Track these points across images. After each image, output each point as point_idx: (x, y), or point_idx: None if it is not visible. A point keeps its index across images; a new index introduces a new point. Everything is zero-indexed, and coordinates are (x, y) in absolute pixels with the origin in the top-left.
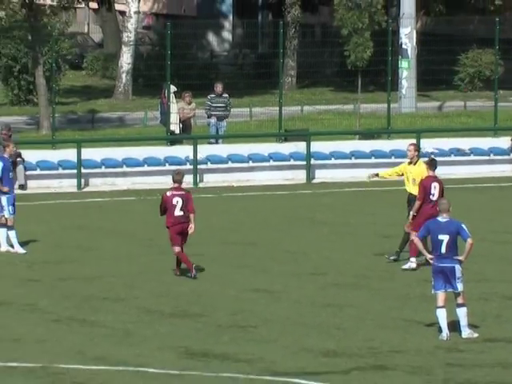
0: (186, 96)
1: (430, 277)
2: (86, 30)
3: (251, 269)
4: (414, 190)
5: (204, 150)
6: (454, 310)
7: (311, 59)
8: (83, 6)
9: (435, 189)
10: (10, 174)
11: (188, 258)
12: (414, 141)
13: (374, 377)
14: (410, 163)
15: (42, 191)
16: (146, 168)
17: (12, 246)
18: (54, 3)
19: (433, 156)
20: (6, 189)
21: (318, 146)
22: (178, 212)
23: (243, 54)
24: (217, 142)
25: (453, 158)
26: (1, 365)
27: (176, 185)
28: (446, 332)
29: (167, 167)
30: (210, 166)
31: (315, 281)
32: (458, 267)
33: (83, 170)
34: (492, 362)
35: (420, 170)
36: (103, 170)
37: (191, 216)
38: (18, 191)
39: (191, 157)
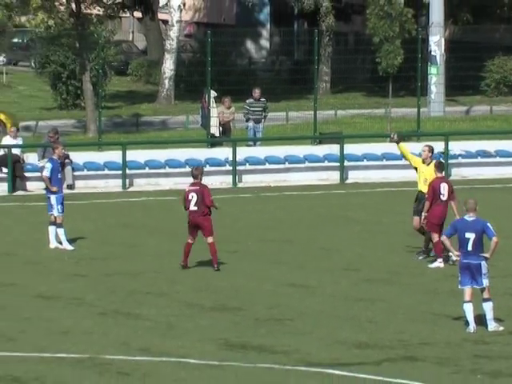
0: (225, 101)
1: (458, 273)
2: (130, 38)
3: (287, 265)
4: (424, 188)
5: (242, 152)
6: (480, 304)
7: (344, 66)
8: (128, 15)
9: (444, 189)
10: (59, 174)
11: (188, 254)
12: (441, 143)
13: (405, 368)
14: (423, 162)
15: (89, 191)
16: (187, 169)
17: (61, 242)
18: (101, 12)
19: (441, 159)
20: (54, 188)
21: (350, 149)
22: (192, 207)
23: (280, 60)
24: (255, 145)
25: (479, 159)
26: (50, 355)
27: (194, 180)
28: (472, 325)
29: (208, 168)
30: (248, 167)
31: (348, 276)
32: (483, 264)
33: (128, 171)
34: None
35: (432, 170)
36: (147, 170)
37: (213, 208)
38: (66, 191)
39: (230, 158)
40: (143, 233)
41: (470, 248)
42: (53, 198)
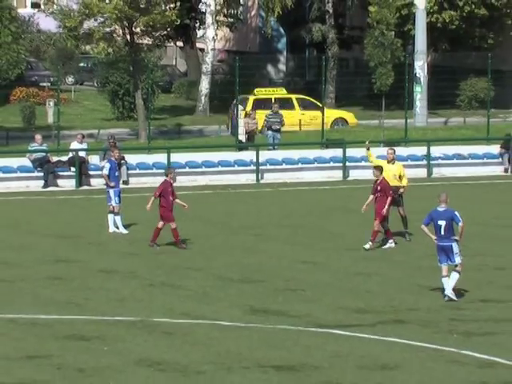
0: (250, 113)
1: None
2: (174, 63)
3: (300, 245)
4: (394, 182)
5: (264, 155)
6: (460, 277)
7: (346, 85)
8: (172, 44)
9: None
10: (116, 172)
11: (157, 234)
12: (425, 148)
13: (394, 328)
14: (388, 162)
15: (140, 186)
16: (219, 168)
17: (117, 227)
18: (150, 42)
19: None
20: (112, 184)
21: (351, 152)
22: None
23: (294, 81)
24: (274, 149)
25: (455, 161)
26: (109, 318)
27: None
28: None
29: (236, 168)
30: (268, 167)
31: (350, 255)
32: (454, 245)
33: None
34: (486, 317)
35: (398, 167)
36: (187, 169)
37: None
38: (122, 186)
39: (254, 160)
40: (184, 220)
41: (442, 233)
42: (111, 191)
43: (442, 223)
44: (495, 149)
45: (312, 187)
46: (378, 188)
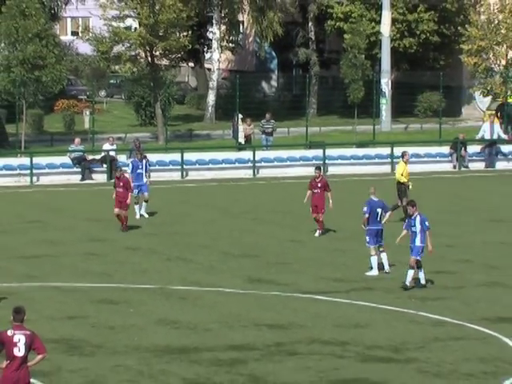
0: (247, 120)
1: (366, 237)
2: (186, 80)
3: (289, 227)
4: (402, 179)
5: (259, 154)
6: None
7: (325, 98)
8: (185, 65)
9: None
10: (138, 170)
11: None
12: (389, 149)
13: (365, 294)
14: (405, 163)
15: (159, 179)
16: (223, 165)
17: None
18: (167, 63)
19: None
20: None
21: (330, 152)
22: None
23: (283, 94)
24: (267, 149)
25: (414, 159)
26: (134, 286)
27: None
28: (375, 270)
29: (236, 165)
30: (263, 164)
31: (328, 235)
32: (383, 229)
33: (185, 166)
34: (438, 286)
35: (407, 167)
36: (197, 166)
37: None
38: (144, 179)
39: (251, 158)
40: (194, 207)
41: (378, 219)
42: (133, 185)
43: (379, 210)
44: (446, 149)
45: (298, 180)
46: (319, 185)
